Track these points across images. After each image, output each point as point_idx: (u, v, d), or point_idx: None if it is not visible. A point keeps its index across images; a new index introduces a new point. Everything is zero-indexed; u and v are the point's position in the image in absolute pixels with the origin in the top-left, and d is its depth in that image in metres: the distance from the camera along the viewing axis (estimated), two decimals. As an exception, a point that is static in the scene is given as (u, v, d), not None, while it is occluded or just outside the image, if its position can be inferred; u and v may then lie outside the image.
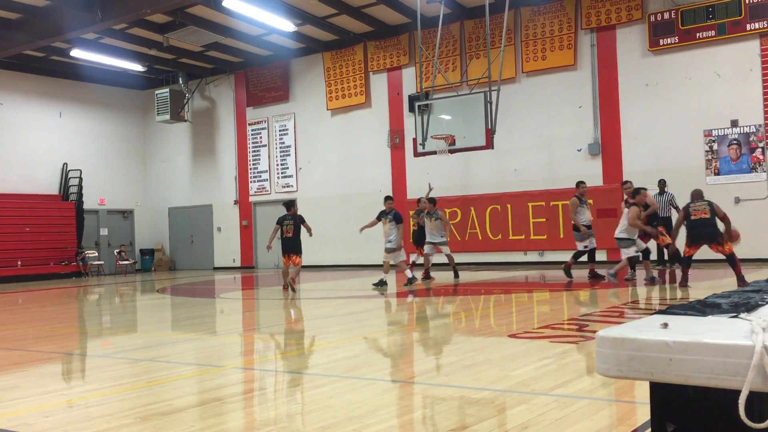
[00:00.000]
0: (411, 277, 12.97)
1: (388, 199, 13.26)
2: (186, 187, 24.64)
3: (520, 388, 4.31)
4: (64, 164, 22.91)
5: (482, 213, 18.42)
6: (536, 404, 3.91)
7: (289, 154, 22.08)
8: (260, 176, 22.75)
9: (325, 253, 20.22)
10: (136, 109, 25.23)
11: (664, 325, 2.08)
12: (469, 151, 15.56)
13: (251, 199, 22.98)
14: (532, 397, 4.07)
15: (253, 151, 22.87)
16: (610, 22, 16.76)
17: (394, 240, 12.82)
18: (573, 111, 17.31)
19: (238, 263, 23.25)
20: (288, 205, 13.34)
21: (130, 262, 23.65)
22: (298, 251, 12.89)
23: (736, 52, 15.41)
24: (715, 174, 15.62)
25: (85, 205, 23.01)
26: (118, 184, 24.53)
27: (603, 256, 15.69)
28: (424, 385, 4.73)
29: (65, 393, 5.00)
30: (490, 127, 14.24)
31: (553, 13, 17.49)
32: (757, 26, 15.07)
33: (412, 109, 17.50)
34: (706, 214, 10.07)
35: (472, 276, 14.67)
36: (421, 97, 16.00)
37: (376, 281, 13.01)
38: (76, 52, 19.92)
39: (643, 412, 3.49)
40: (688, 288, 10.13)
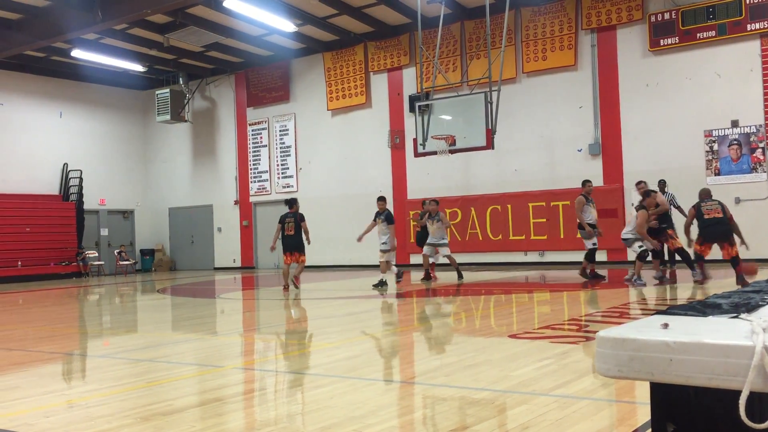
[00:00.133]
0: (398, 274, 13.49)
1: (380, 200, 13.37)
2: (186, 187, 24.65)
3: (521, 389, 4.31)
4: (65, 164, 22.92)
5: (483, 213, 18.42)
6: (537, 405, 3.91)
7: (289, 155, 22.09)
8: (260, 176, 22.76)
9: (326, 254, 20.22)
10: (137, 109, 25.25)
11: (665, 326, 2.08)
12: (470, 151, 15.57)
13: (251, 200, 22.99)
14: (532, 398, 4.07)
15: (254, 152, 22.88)
16: (611, 23, 16.76)
17: (388, 241, 12.96)
18: (573, 111, 17.31)
19: (239, 263, 23.25)
20: (290, 203, 13.43)
21: (131, 263, 23.65)
22: (300, 249, 12.98)
23: (736, 52, 15.42)
24: (716, 174, 15.62)
25: (86, 206, 23.02)
26: (119, 185, 24.54)
27: (603, 256, 15.70)
28: (424, 385, 4.73)
29: (66, 393, 5.01)
30: (490, 128, 14.25)
31: (554, 14, 17.49)
32: (757, 26, 15.07)
33: (412, 110, 17.49)
34: (719, 213, 10.10)
35: (472, 276, 14.67)
36: (421, 98, 16.00)
37: (376, 282, 13.05)
38: (77, 53, 19.93)
39: (644, 413, 3.49)
40: (707, 280, 10.21)
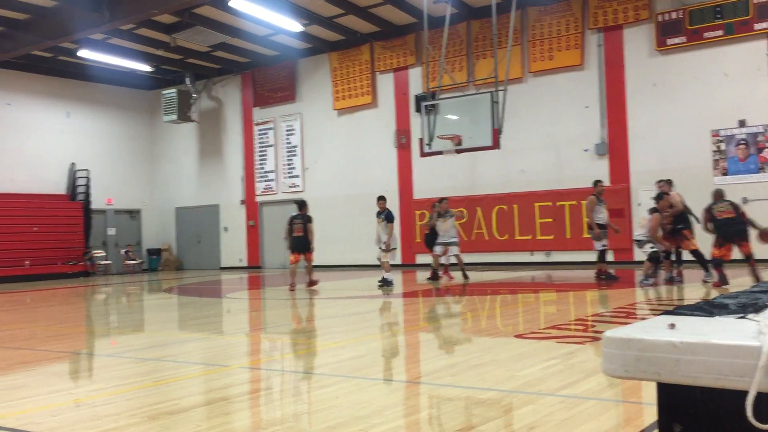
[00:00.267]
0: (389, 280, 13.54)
1: (380, 199, 13.64)
2: (193, 187, 24.70)
3: (527, 389, 4.30)
4: (72, 164, 23.00)
5: (489, 213, 18.39)
6: (543, 405, 3.90)
7: (295, 154, 22.11)
8: (267, 176, 22.78)
9: (331, 253, 20.21)
10: (144, 109, 25.31)
11: (672, 326, 2.07)
12: (476, 151, 15.53)
13: (258, 199, 23.01)
14: (538, 398, 4.06)
15: (260, 151, 22.91)
16: (617, 22, 16.71)
17: (388, 240, 13.15)
18: (580, 111, 17.27)
19: (245, 263, 23.28)
20: (300, 205, 13.68)
21: (138, 262, 23.71)
22: (308, 249, 13.29)
23: (743, 51, 15.35)
24: (723, 174, 15.55)
25: (93, 205, 23.07)
26: (126, 184, 24.61)
27: (609, 256, 15.63)
28: (430, 385, 4.73)
29: (73, 392, 5.02)
30: (496, 127, 14.22)
31: (560, 13, 17.45)
32: (764, 26, 14.99)
33: (418, 109, 17.48)
34: (731, 213, 10.19)
35: (478, 276, 14.66)
36: (427, 97, 15.96)
37: (381, 281, 13.06)
38: (84, 53, 19.99)
39: (650, 413, 3.48)
40: (725, 285, 10.15)
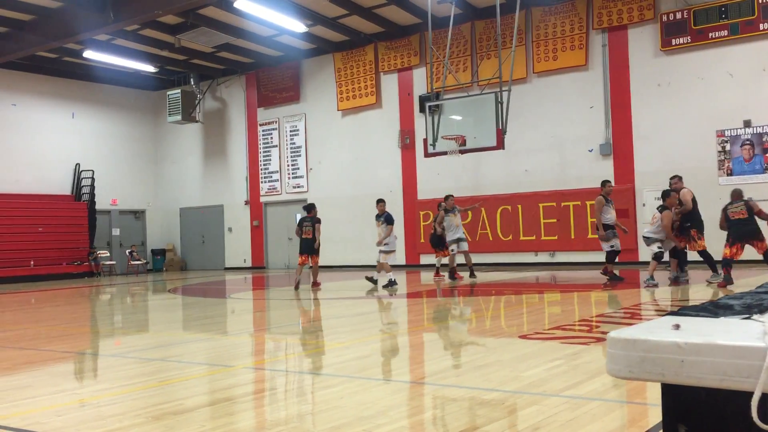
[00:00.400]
0: (373, 279, 13.85)
1: (380, 202, 13.91)
2: (197, 187, 24.74)
3: (531, 389, 4.30)
4: (77, 165, 23.06)
5: (493, 213, 18.38)
6: (547, 405, 3.90)
7: (299, 155, 22.13)
8: (271, 177, 22.80)
9: (336, 254, 20.23)
10: (148, 109, 25.37)
11: (676, 327, 2.06)
12: (480, 151, 15.54)
13: (262, 200, 23.04)
14: (543, 398, 4.06)
15: (264, 152, 22.93)
16: (622, 22, 16.68)
17: (388, 242, 13.41)
18: (584, 111, 17.24)
19: (249, 263, 23.31)
20: (308, 208, 13.95)
21: (142, 262, 23.76)
22: (315, 252, 13.61)
23: (748, 51, 15.30)
24: (728, 174, 15.51)
25: (98, 206, 23.15)
26: (130, 185, 24.66)
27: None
28: (434, 385, 4.73)
29: (77, 392, 5.03)
30: (501, 128, 14.21)
31: (565, 13, 17.43)
32: (770, 26, 14.96)
33: (422, 110, 17.47)
34: (744, 214, 10.45)
35: (483, 276, 14.65)
36: (431, 98, 15.98)
37: (385, 282, 13.06)
38: (89, 54, 20.04)
39: (655, 414, 3.47)
40: (730, 285, 10.21)
